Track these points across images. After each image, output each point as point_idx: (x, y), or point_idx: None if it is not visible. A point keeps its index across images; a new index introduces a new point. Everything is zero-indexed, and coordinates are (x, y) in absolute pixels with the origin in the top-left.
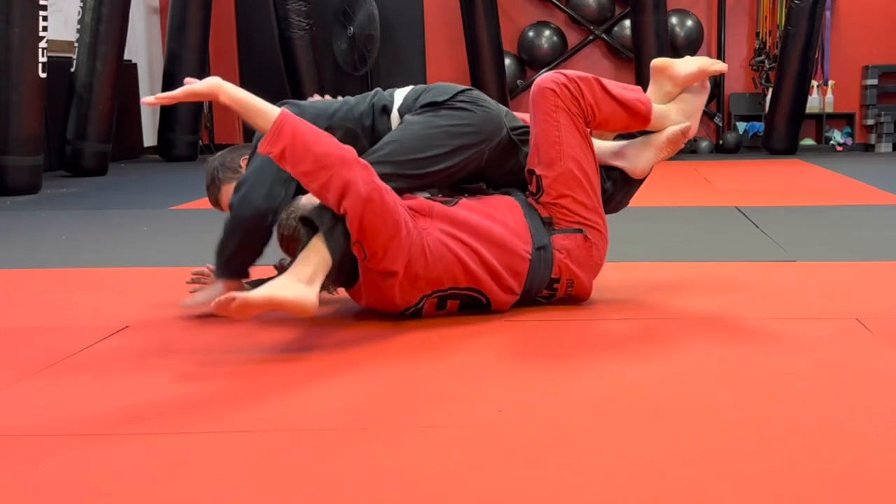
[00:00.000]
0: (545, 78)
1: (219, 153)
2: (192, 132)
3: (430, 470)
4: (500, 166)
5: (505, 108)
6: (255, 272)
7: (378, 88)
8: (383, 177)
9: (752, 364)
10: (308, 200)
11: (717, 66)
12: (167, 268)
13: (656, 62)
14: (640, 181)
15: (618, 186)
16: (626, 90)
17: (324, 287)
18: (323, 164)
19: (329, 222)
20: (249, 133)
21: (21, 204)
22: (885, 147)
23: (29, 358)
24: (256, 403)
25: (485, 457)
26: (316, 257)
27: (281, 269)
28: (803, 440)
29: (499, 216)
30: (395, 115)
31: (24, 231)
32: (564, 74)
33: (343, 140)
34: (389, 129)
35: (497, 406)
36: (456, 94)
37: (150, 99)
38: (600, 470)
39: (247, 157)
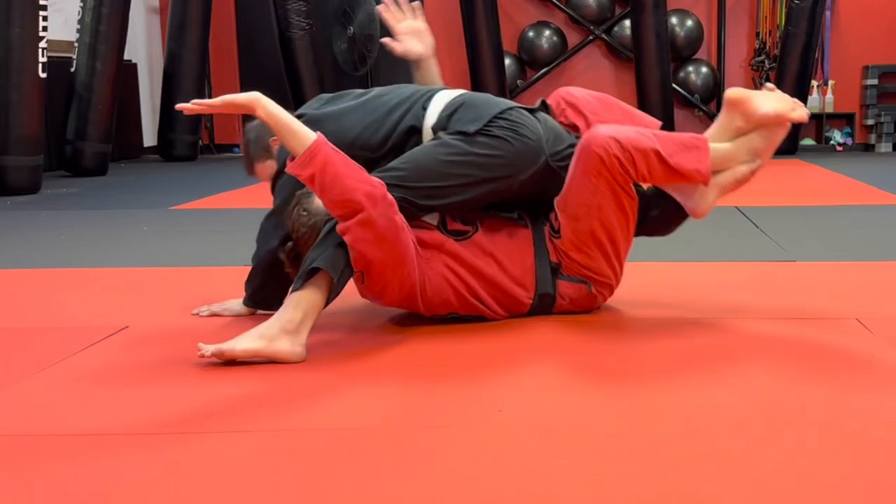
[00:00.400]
0: (597, 138)
1: (256, 122)
2: (192, 132)
3: (430, 470)
4: (536, 191)
5: (551, 124)
6: None
7: (414, 93)
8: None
9: (752, 364)
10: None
11: (799, 112)
12: (167, 268)
13: (733, 95)
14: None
15: (665, 215)
16: (685, 153)
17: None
18: (349, 196)
19: (340, 268)
20: None
21: (21, 204)
22: (885, 147)
23: (29, 358)
24: (256, 404)
25: (485, 457)
26: (307, 303)
27: (286, 254)
28: (803, 441)
29: (506, 262)
30: (427, 133)
31: (24, 231)
32: (619, 142)
33: None
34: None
35: (497, 406)
36: (493, 119)
37: (188, 105)
38: (600, 469)
39: (277, 138)
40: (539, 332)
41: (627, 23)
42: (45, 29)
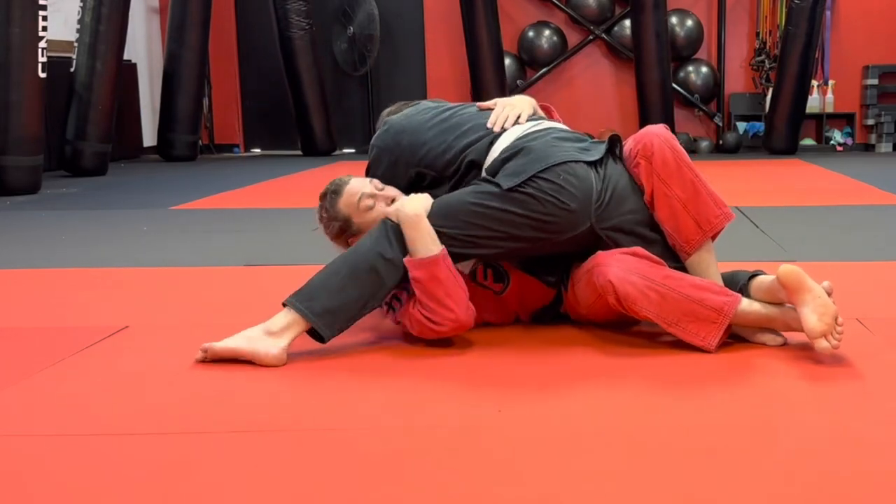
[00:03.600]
0: (600, 277)
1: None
2: (191, 132)
3: (430, 469)
4: (579, 251)
5: (615, 179)
6: None
7: (480, 132)
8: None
9: (751, 365)
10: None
11: (833, 343)
12: (167, 268)
13: (785, 278)
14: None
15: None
16: (692, 326)
17: None
18: (439, 312)
19: (334, 321)
20: (248, 132)
21: (21, 204)
22: (885, 147)
23: (29, 358)
24: (256, 404)
25: (485, 457)
26: (294, 316)
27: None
28: (803, 441)
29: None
30: (484, 173)
31: (24, 231)
32: (617, 296)
33: (422, 182)
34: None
35: (497, 406)
36: (535, 177)
37: None
38: (600, 469)
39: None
40: (539, 333)
41: (627, 23)
42: (44, 29)
